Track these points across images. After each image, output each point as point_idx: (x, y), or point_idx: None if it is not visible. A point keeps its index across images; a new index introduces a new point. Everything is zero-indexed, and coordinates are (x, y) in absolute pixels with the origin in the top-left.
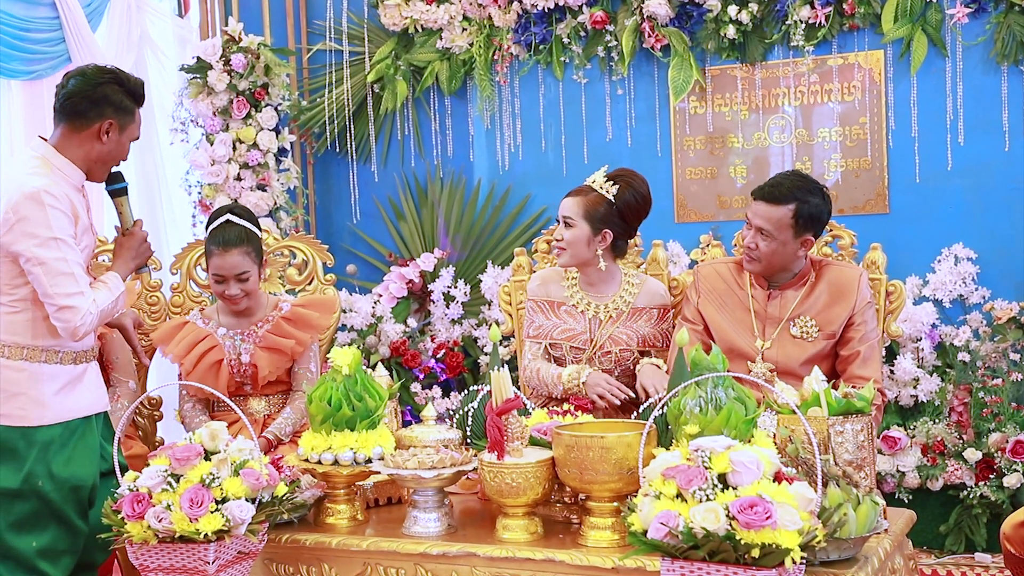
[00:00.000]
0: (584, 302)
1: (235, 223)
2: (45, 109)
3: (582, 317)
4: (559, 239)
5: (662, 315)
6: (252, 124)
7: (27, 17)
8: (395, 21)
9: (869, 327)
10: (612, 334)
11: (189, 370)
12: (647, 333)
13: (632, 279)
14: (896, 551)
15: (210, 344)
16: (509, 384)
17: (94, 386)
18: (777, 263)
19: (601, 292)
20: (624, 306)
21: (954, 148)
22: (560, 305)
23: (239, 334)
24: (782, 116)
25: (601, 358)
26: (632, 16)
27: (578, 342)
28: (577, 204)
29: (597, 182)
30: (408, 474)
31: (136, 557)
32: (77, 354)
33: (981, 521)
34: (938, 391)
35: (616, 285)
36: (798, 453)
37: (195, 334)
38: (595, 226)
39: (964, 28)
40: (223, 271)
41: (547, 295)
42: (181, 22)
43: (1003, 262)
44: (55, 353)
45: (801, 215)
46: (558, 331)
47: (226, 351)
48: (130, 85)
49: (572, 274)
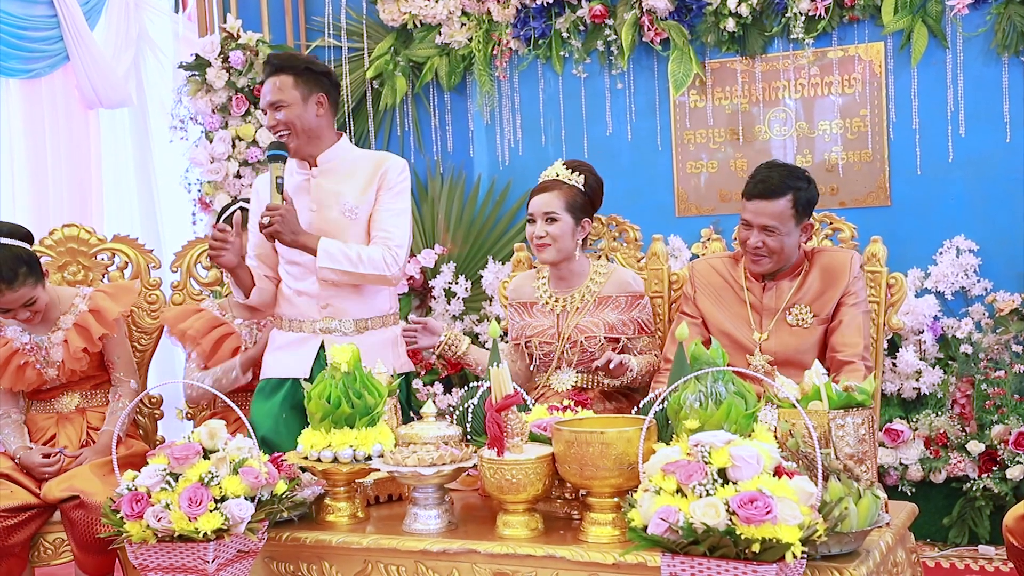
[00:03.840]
0: (552, 299)
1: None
2: (43, 107)
3: (551, 314)
4: (542, 236)
5: (630, 303)
6: (251, 121)
7: (25, 15)
8: (394, 17)
9: (857, 299)
10: (578, 324)
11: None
12: (614, 320)
13: (600, 269)
14: (898, 545)
15: (226, 331)
16: (509, 380)
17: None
18: (786, 256)
19: (569, 286)
20: (591, 296)
21: (955, 140)
22: (533, 305)
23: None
24: (783, 109)
25: (569, 349)
26: (631, 10)
27: (546, 336)
28: (557, 198)
29: (562, 175)
30: (408, 471)
31: (135, 557)
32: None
33: (984, 513)
34: (940, 383)
35: (584, 277)
36: (798, 447)
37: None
38: (576, 216)
39: (964, 19)
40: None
41: (521, 297)
42: (179, 19)
43: (1005, 254)
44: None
45: (799, 203)
46: (529, 329)
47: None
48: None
49: (543, 274)
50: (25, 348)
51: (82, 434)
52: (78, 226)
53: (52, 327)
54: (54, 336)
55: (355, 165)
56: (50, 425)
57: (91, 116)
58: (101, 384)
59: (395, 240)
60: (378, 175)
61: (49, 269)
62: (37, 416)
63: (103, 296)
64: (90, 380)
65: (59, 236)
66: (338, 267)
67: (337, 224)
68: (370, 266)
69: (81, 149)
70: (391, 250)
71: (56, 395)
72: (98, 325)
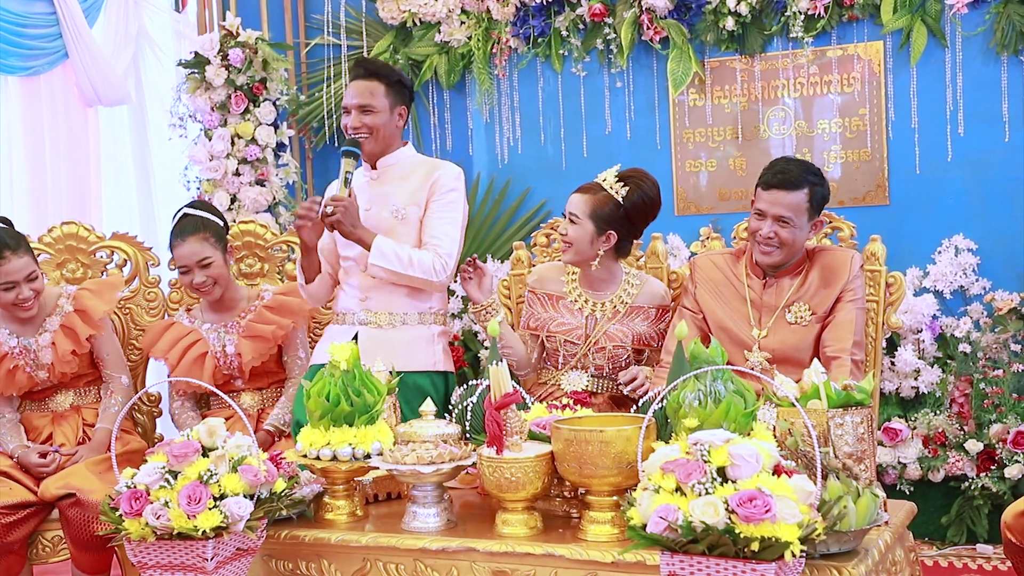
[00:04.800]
0: (582, 299)
1: (191, 215)
2: (42, 104)
3: (579, 313)
4: (564, 234)
5: (660, 315)
6: (250, 119)
7: (24, 13)
8: (393, 15)
9: (854, 296)
10: (608, 331)
11: (175, 364)
12: (643, 331)
13: (632, 279)
14: (897, 543)
15: (194, 338)
16: (508, 379)
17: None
18: (796, 249)
19: (600, 290)
20: (622, 305)
21: (954, 139)
22: (559, 299)
23: (223, 327)
24: (782, 108)
25: (595, 354)
26: (631, 8)
27: (573, 337)
28: (584, 202)
29: (608, 181)
30: (407, 469)
31: (134, 554)
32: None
33: (982, 512)
34: (939, 382)
35: (616, 284)
36: (797, 446)
37: (179, 331)
38: (599, 226)
39: (964, 18)
40: (184, 260)
41: (546, 288)
42: (178, 17)
43: (1003, 253)
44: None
45: (815, 198)
46: (554, 324)
47: (211, 344)
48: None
49: (572, 271)
50: (13, 352)
51: (78, 432)
52: (77, 223)
53: (39, 329)
54: (41, 339)
55: (412, 170)
56: (45, 424)
57: (90, 113)
58: (93, 381)
59: (444, 248)
60: (430, 181)
61: (48, 267)
62: (32, 416)
63: (88, 295)
64: (82, 378)
65: (58, 233)
66: (388, 266)
67: (387, 224)
68: (419, 270)
69: (80, 146)
70: (441, 257)
71: (50, 395)
72: (84, 326)
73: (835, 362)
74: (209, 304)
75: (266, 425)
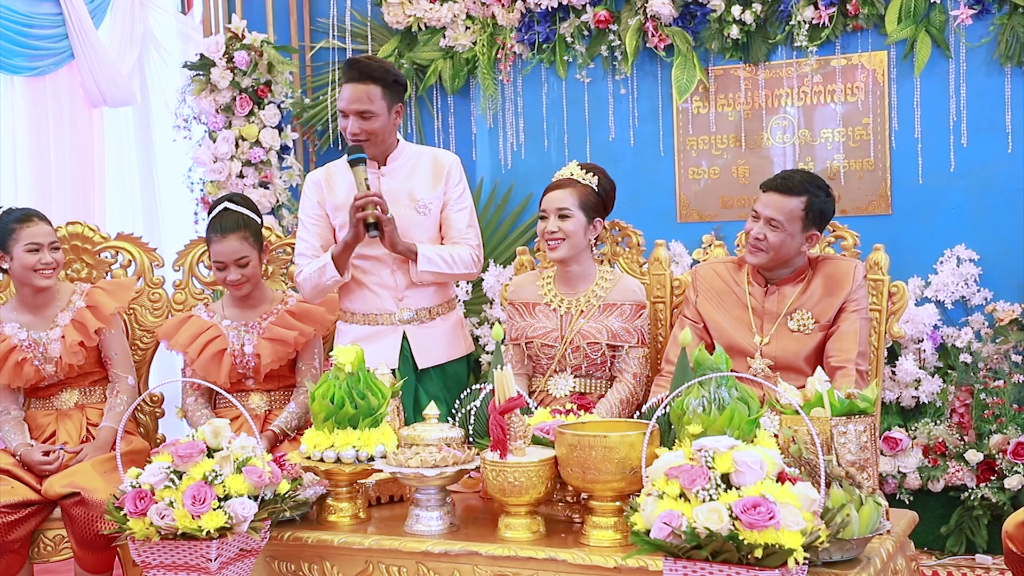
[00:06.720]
0: (557, 299)
1: (233, 210)
2: (47, 105)
3: (554, 315)
4: (554, 231)
5: (635, 312)
6: (255, 121)
7: (30, 13)
8: (398, 19)
9: (858, 306)
10: (582, 328)
11: (193, 358)
12: (617, 328)
13: (606, 275)
14: (898, 552)
15: (214, 334)
16: (512, 383)
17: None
18: (782, 256)
19: (575, 289)
20: (596, 301)
21: (957, 149)
22: (535, 305)
23: (243, 325)
24: (785, 116)
25: (572, 354)
26: (636, 16)
27: (549, 339)
28: (570, 195)
29: (576, 174)
30: (410, 472)
31: (138, 554)
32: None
33: (982, 523)
34: (939, 392)
35: (591, 281)
36: (801, 453)
37: (199, 325)
38: (589, 215)
39: (968, 29)
40: (222, 256)
41: (523, 297)
42: (184, 19)
43: (1005, 264)
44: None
45: (812, 208)
46: (531, 330)
47: (230, 341)
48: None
49: (547, 275)
50: (23, 344)
51: (82, 430)
52: (82, 224)
53: (50, 324)
54: (51, 332)
55: (416, 162)
56: (50, 422)
57: (95, 114)
58: (99, 381)
59: (474, 240)
60: (444, 173)
61: None
62: (36, 413)
63: (100, 292)
64: (88, 376)
65: (63, 234)
66: (436, 269)
67: (408, 219)
68: (462, 266)
69: (85, 147)
70: (474, 249)
71: (55, 392)
72: (94, 319)
73: (840, 372)
74: (232, 300)
75: (271, 427)
